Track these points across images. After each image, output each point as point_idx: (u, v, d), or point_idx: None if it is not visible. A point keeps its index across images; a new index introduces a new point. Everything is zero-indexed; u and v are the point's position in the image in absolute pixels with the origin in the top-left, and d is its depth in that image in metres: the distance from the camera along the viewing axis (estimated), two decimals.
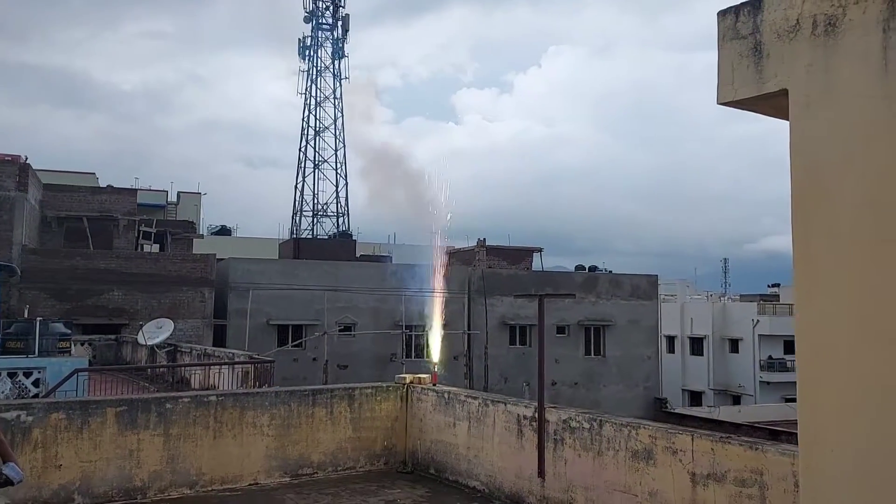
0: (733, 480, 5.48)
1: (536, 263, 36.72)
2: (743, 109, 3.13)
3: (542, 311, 7.56)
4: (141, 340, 18.45)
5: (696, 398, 39.90)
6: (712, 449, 5.66)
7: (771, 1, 2.97)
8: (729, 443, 5.62)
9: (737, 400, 38.00)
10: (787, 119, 2.92)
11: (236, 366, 13.23)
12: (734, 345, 40.41)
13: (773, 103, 2.99)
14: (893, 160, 2.57)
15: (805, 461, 2.73)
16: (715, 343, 40.52)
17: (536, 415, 7.22)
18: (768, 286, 58.27)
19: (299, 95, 47.37)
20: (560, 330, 30.68)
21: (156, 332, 18.54)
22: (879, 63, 2.59)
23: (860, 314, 2.64)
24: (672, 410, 30.13)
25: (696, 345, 41.68)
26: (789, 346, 39.74)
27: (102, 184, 35.90)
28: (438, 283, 12.19)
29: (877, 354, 2.58)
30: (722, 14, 3.13)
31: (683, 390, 40.72)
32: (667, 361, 38.83)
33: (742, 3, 3.08)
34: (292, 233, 45.29)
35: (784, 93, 2.86)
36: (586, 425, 6.75)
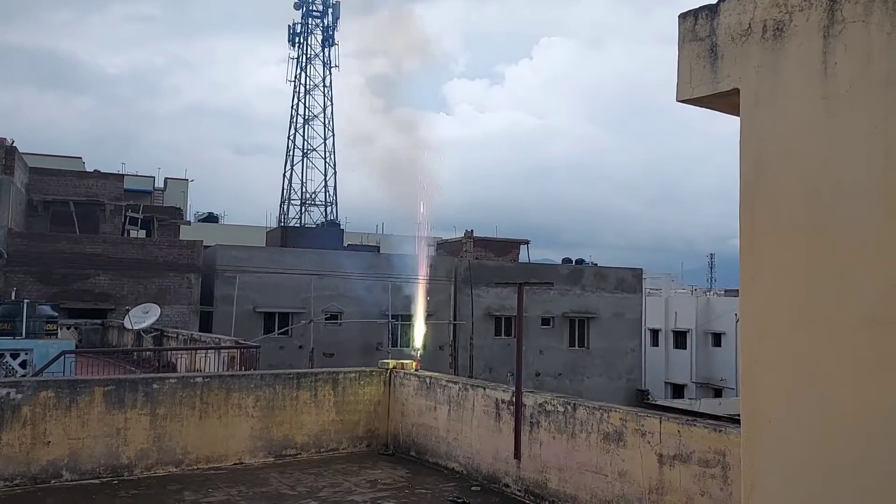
0: (698, 461, 5.75)
1: (523, 255, 36.92)
2: (700, 106, 3.36)
3: (521, 299, 7.79)
4: (127, 325, 18.53)
5: (678, 391, 40.42)
6: (679, 431, 5.92)
7: (727, 6, 3.19)
8: (694, 425, 5.88)
9: (718, 393, 38.52)
10: (739, 116, 3.15)
11: (222, 351, 13.38)
12: (717, 339, 40.87)
13: (726, 101, 3.21)
14: (831, 156, 2.80)
15: (746, 432, 2.97)
16: (698, 337, 41.02)
17: (514, 399, 7.47)
18: None
19: (288, 83, 47.34)
20: (545, 321, 30.85)
21: (142, 316, 18.63)
22: (820, 66, 2.81)
23: (799, 298, 2.88)
24: (654, 402, 30.58)
25: (680, 338, 42.15)
26: None
27: (89, 168, 35.77)
28: (423, 271, 12.36)
29: (812, 335, 2.82)
30: (682, 17, 3.35)
31: (666, 383, 41.22)
32: (650, 354, 39.22)
33: (701, 7, 3.30)
34: (280, 221, 45.33)
35: (736, 91, 3.09)
36: (561, 409, 7.00)
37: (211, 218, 48.15)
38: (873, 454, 2.59)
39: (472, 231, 35.05)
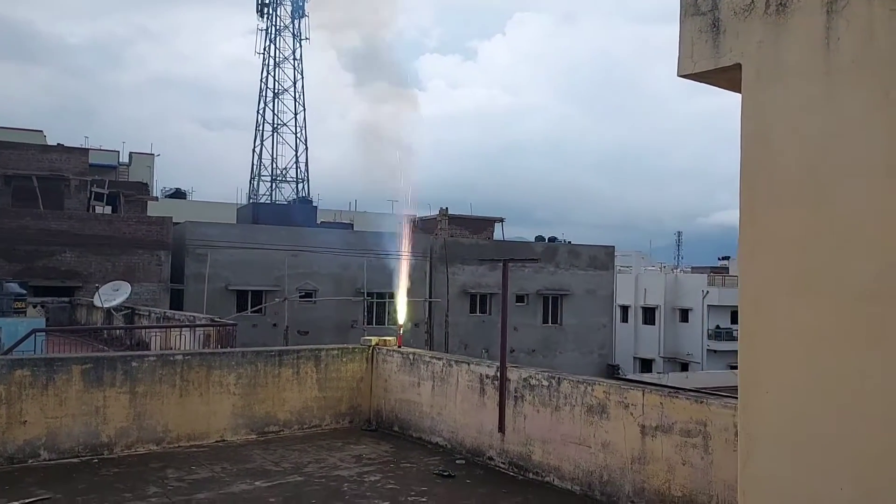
0: (679, 431, 5.88)
1: (498, 233, 37.17)
2: (701, 82, 3.39)
3: (507, 275, 7.84)
4: (97, 303, 18.20)
5: (647, 365, 41.30)
6: (661, 403, 6.05)
7: None
8: (677, 397, 6.01)
9: (685, 367, 39.44)
10: (740, 91, 3.18)
11: (197, 328, 13.25)
12: (684, 315, 41.87)
13: (728, 76, 3.24)
14: (831, 130, 2.85)
15: (743, 401, 3.05)
16: (666, 313, 41.89)
17: (498, 374, 7.55)
18: (718, 259, 60.11)
19: (257, 55, 46.62)
20: (519, 299, 31.25)
21: (112, 294, 18.30)
22: (822, 42, 2.85)
23: (798, 272, 2.95)
24: (623, 377, 31.22)
25: (649, 314, 43.02)
26: (736, 317, 41.18)
27: (50, 142, 34.77)
28: (405, 246, 12.40)
29: (810, 306, 2.89)
30: None
31: (635, 358, 42.08)
32: (620, 330, 39.93)
33: None
34: (250, 198, 44.71)
35: (738, 67, 3.12)
36: (545, 383, 7.10)
37: (178, 194, 47.31)
38: (869, 425, 2.68)
39: (446, 209, 35.09)
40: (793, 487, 2.87)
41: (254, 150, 46.97)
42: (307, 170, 46.42)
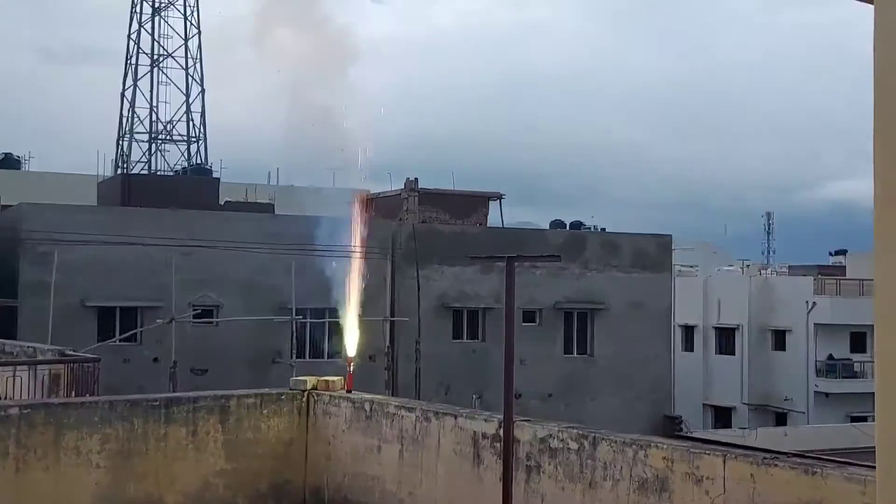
0: None
1: (495, 217, 37.09)
2: None
3: (512, 280, 7.79)
4: None
5: (723, 416, 41.51)
6: (752, 475, 6.07)
7: None
8: (774, 465, 6.04)
9: (782, 419, 39.72)
10: (872, 1, 3.16)
11: (40, 367, 13.11)
12: (780, 339, 41.98)
13: None
14: None
15: (883, 471, 3.03)
16: (752, 336, 42.01)
17: (501, 432, 7.50)
18: (830, 254, 60.53)
19: None
20: (528, 316, 30.86)
21: None
22: None
23: None
24: (689, 434, 31.36)
25: (726, 339, 43.10)
26: (859, 341, 41.32)
27: None
28: (354, 239, 12.32)
29: None
30: None
31: (706, 405, 42.23)
32: (683, 363, 39.98)
33: None
34: (118, 166, 44.27)
35: None
36: (573, 445, 7.08)
37: (8, 162, 47.04)
38: None
39: (415, 180, 34.89)
40: None
41: (123, 95, 46.70)
42: (204, 124, 46.21)
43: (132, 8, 46.39)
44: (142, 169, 44.98)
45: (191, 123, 46.73)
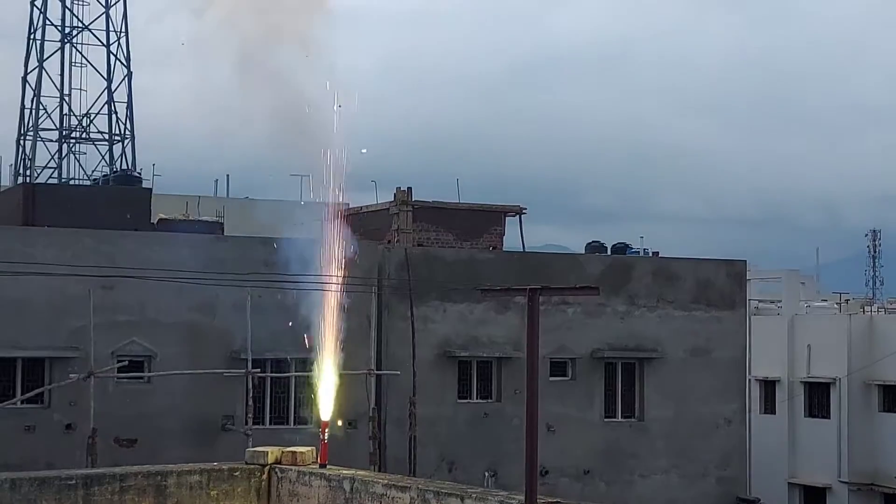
0: None
1: (512, 238, 36.23)
2: None
3: (537, 321, 7.40)
4: None
5: (815, 499, 40.96)
6: None
7: None
8: None
9: (892, 502, 39.23)
10: None
11: None
12: (890, 396, 41.43)
13: None
14: None
15: None
16: (853, 393, 41.47)
17: None
18: None
19: None
20: (557, 368, 30.85)
21: None
22: None
23: None
24: None
25: (818, 397, 42.43)
26: None
27: None
28: (329, 267, 11.98)
29: None
30: None
31: (791, 484, 41.52)
32: (761, 429, 39.70)
33: None
34: (19, 173, 44.49)
35: None
36: None
37: None
38: None
39: (409, 190, 34.59)
40: None
41: (25, 80, 46.56)
42: (131, 118, 46.13)
43: None
44: (50, 176, 45.05)
45: (114, 117, 46.78)
